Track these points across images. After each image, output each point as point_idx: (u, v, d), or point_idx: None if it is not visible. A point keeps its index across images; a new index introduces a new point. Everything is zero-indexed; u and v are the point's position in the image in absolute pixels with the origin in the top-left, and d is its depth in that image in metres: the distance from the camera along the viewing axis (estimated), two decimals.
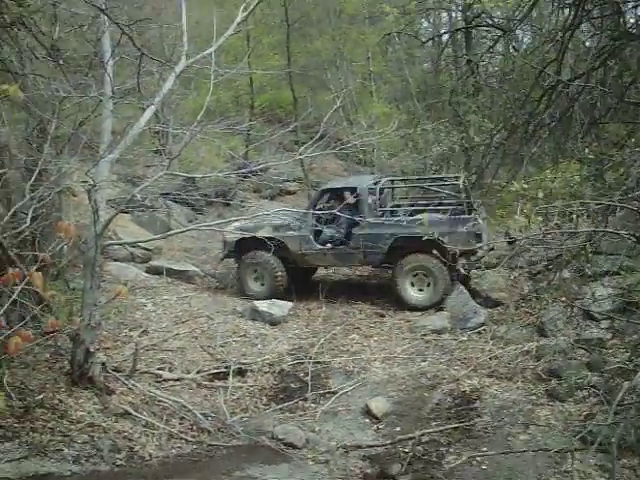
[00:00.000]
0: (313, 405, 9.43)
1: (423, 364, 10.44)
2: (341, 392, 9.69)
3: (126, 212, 15.81)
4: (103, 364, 9.05)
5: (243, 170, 13.00)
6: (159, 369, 9.98)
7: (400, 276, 12.71)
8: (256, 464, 7.78)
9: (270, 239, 11.29)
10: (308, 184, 21.02)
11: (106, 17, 9.00)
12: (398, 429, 8.68)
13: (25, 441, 7.45)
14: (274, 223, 13.28)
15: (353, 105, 23.97)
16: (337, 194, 13.43)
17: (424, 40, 22.62)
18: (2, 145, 10.07)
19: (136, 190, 10.29)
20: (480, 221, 12.39)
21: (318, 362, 10.53)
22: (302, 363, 10.46)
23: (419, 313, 12.36)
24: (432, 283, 12.58)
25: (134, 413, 8.48)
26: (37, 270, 3.11)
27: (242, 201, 20.28)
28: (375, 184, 13.35)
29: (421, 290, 12.71)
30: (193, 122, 10.16)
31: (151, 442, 8.08)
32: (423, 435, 8.31)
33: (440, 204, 13.55)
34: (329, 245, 13.18)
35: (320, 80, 26.01)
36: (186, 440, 8.26)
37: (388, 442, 8.34)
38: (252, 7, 10.80)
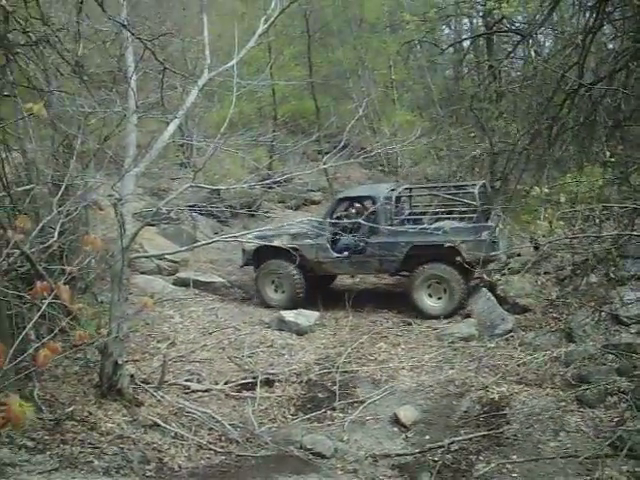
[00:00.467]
0: (341, 414, 9.39)
1: (451, 372, 10.36)
2: (369, 401, 9.64)
3: (152, 225, 15.91)
4: (132, 376, 9.12)
5: (267, 181, 13.04)
6: (187, 380, 10.03)
7: (416, 284, 12.75)
8: (285, 474, 7.74)
9: (285, 249, 11.51)
10: (332, 193, 21.05)
11: (129, 33, 9.10)
12: (427, 437, 8.61)
13: (56, 453, 7.50)
14: (291, 232, 13.35)
15: (376, 113, 24.02)
16: (353, 202, 13.65)
17: (444, 47, 22.55)
18: (29, 161, 10.20)
19: (162, 203, 10.38)
20: (497, 229, 12.36)
21: (345, 371, 10.51)
22: (329, 372, 10.44)
23: (446, 321, 12.31)
24: (448, 292, 12.59)
25: (163, 424, 8.52)
26: (65, 284, 3.15)
27: (267, 212, 20.34)
28: (391, 192, 13.36)
29: (439, 299, 12.73)
30: (217, 134, 10.23)
31: (180, 453, 8.10)
32: (452, 443, 8.24)
33: (456, 212, 13.57)
34: (345, 253, 13.24)
35: (342, 89, 26.13)
36: (215, 451, 8.26)
37: (417, 451, 8.27)
38: (273, 19, 10.86)
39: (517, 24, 17.78)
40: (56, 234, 8.03)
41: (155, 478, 7.55)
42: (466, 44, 22.22)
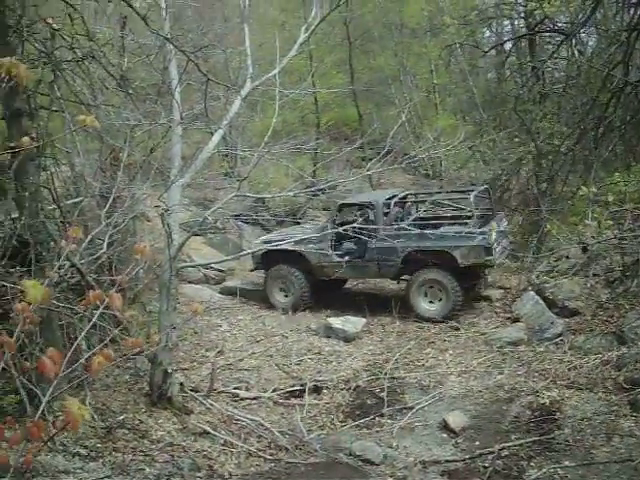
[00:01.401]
0: (390, 421, 9.35)
1: (500, 377, 10.24)
2: (418, 407, 9.58)
3: (199, 235, 16.07)
4: (181, 384, 9.21)
5: (312, 188, 13.11)
6: (236, 388, 10.09)
7: (413, 288, 12.96)
8: None
9: (292, 252, 12.06)
10: None
11: (172, 46, 9.23)
12: (477, 443, 8.52)
13: (108, 461, 7.60)
14: (296, 237, 13.44)
15: (418, 118, 23.97)
16: (354, 209, 13.98)
17: (486, 50, 22.39)
18: (78, 174, 10.40)
19: (208, 212, 10.48)
20: (493, 234, 12.46)
21: (393, 378, 10.47)
22: (377, 379, 10.42)
23: (494, 325, 12.19)
24: (444, 295, 12.76)
25: (213, 432, 8.58)
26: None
27: (312, 219, 20.39)
28: (390, 199, 13.56)
29: (432, 302, 12.91)
30: (260, 144, 10.30)
31: (230, 460, 8.15)
32: (503, 449, 8.14)
33: (457, 217, 13.77)
34: (346, 258, 13.48)
35: (384, 95, 26.11)
36: (264, 458, 8.29)
37: (467, 457, 8.19)
38: (314, 27, 10.91)
39: (559, 24, 17.60)
40: (105, 245, 8.18)
41: None
42: (508, 46, 22.06)
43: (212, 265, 14.94)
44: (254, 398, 9.92)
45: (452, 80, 24.77)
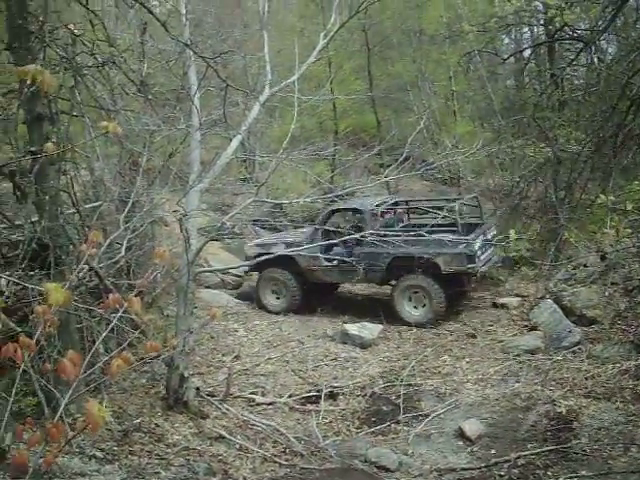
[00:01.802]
0: (405, 428, 9.33)
1: (517, 385, 10.18)
2: (434, 414, 9.54)
3: (216, 240, 16.14)
4: (197, 389, 9.25)
5: (329, 195, 13.13)
6: (252, 393, 10.11)
7: (397, 293, 13.32)
8: None
9: (283, 255, 12.25)
10: None
11: (191, 52, 9.30)
12: (493, 452, 8.46)
13: (124, 464, 7.64)
14: (287, 240, 14.24)
15: (437, 125, 23.94)
16: (344, 214, 14.50)
17: (505, 57, 22.33)
18: (97, 179, 10.48)
19: (226, 218, 10.52)
20: (476, 243, 12.73)
21: (410, 384, 10.45)
22: (393, 386, 10.40)
23: (511, 333, 12.13)
24: (427, 302, 13.05)
25: (228, 437, 8.61)
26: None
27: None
28: (377, 206, 13.89)
29: (420, 307, 13.21)
30: (279, 149, 10.34)
31: (245, 465, 8.17)
32: (519, 458, 8.07)
33: (443, 225, 13.73)
34: (334, 262, 13.69)
35: (403, 102, 26.08)
36: (279, 463, 8.30)
37: (483, 465, 8.13)
38: (332, 34, 10.95)
39: (579, 31, 17.51)
40: (123, 250, 8.24)
41: None
42: (527, 53, 22.01)
43: (229, 270, 15.00)
44: (270, 403, 9.93)
45: (471, 87, 24.70)
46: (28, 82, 2.38)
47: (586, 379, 9.86)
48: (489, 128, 21.70)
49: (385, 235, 12.17)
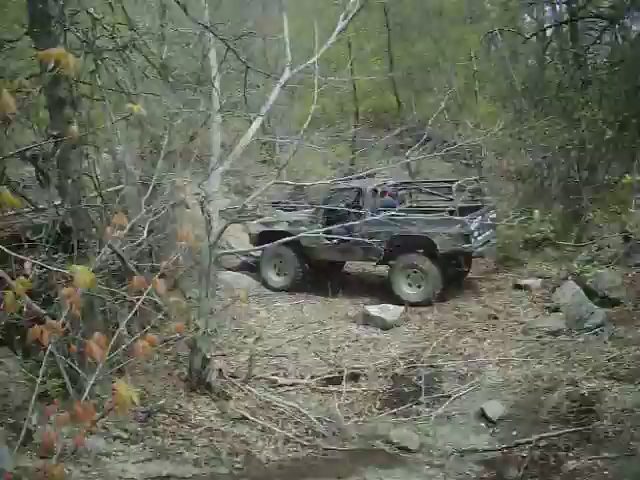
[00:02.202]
0: (427, 409, 9.33)
1: (539, 367, 10.13)
2: (455, 396, 9.55)
3: (238, 222, 16.18)
4: (220, 370, 9.31)
5: (350, 176, 13.12)
6: (274, 374, 10.16)
7: (395, 273, 13.53)
8: (371, 468, 7.75)
9: (285, 233, 12.35)
10: None
11: (211, 34, 9.28)
12: (514, 433, 8.45)
13: (148, 444, 7.74)
14: (290, 219, 14.37)
15: (458, 106, 23.71)
16: (345, 194, 14.46)
17: (527, 36, 22.06)
18: (118, 162, 10.53)
19: (247, 200, 10.53)
20: (473, 223, 12.91)
21: (431, 366, 10.44)
22: (415, 367, 10.40)
23: (533, 315, 12.08)
24: (424, 281, 13.20)
25: (251, 418, 8.67)
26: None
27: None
28: (377, 186, 14.03)
29: (417, 287, 13.35)
30: (299, 131, 10.31)
31: (268, 446, 8.23)
32: (541, 439, 8.05)
33: (443, 207, 14.00)
34: (335, 241, 13.77)
35: (423, 83, 25.87)
36: (302, 444, 8.35)
37: (504, 446, 8.14)
38: (352, 14, 10.87)
39: (603, 9, 17.28)
40: (145, 233, 8.27)
41: (243, 470, 7.68)
42: (549, 32, 21.71)
43: (251, 252, 15.05)
44: (292, 384, 9.98)
45: (492, 67, 24.48)
46: (50, 67, 2.39)
47: (609, 361, 9.80)
48: (511, 108, 21.48)
49: (384, 214, 12.29)
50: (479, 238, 13.17)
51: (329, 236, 13.50)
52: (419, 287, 13.30)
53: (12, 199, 2.29)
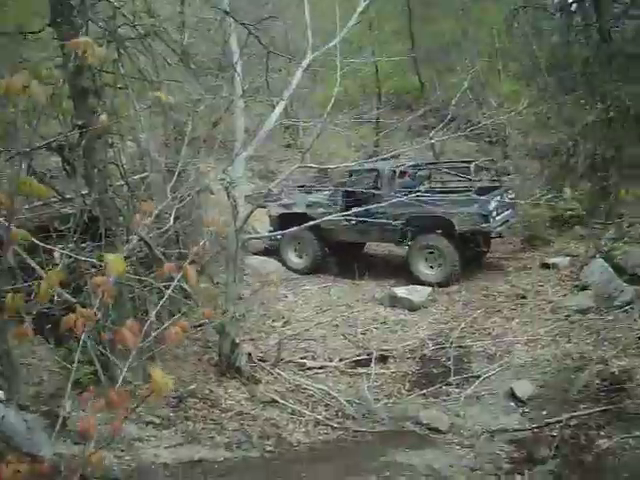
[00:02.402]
0: (456, 390, 9.33)
1: (568, 345, 10.08)
2: (484, 376, 9.52)
3: (263, 207, 16.22)
4: (249, 354, 9.37)
5: (374, 158, 13.08)
6: (302, 358, 10.21)
7: (413, 253, 13.64)
8: (401, 449, 7.77)
9: (303, 215, 12.62)
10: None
11: (232, 19, 9.27)
12: (544, 412, 8.41)
13: (180, 429, 7.83)
14: (309, 200, 14.44)
15: (481, 85, 23.52)
16: (363, 175, 14.39)
17: (552, 11, 21.76)
18: (143, 150, 10.57)
19: (272, 184, 10.55)
20: (491, 203, 12.99)
21: (460, 346, 10.43)
22: (443, 348, 10.39)
23: (561, 293, 12.00)
24: (442, 261, 13.31)
25: (281, 401, 8.72)
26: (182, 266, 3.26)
27: None
28: (397, 167, 14.04)
29: (434, 267, 13.46)
30: (322, 114, 10.28)
31: (298, 429, 8.27)
32: (571, 418, 8.00)
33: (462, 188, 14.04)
34: (353, 222, 13.81)
35: (445, 62, 25.65)
36: (332, 426, 8.38)
37: (534, 426, 8.10)
38: None
39: None
40: (171, 219, 8.31)
41: (274, 453, 7.74)
42: (573, 7, 21.40)
43: (277, 237, 15.10)
44: (321, 367, 10.02)
45: (515, 44, 24.21)
46: (73, 56, 2.41)
47: (638, 339, 9.72)
48: (535, 86, 21.25)
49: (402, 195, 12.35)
50: (497, 218, 13.20)
51: (346, 215, 13.58)
52: (437, 267, 13.39)
53: (41, 189, 2.31)
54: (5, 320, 2.42)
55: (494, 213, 13.02)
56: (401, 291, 12.43)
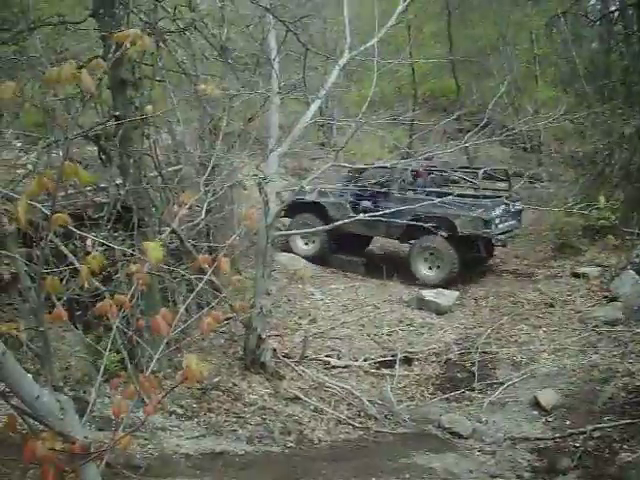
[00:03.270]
0: (480, 395, 9.30)
1: (595, 356, 9.99)
2: (509, 383, 9.48)
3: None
4: (274, 350, 9.41)
5: (407, 160, 13.06)
6: (327, 356, 10.22)
7: (414, 253, 13.89)
8: (422, 452, 7.77)
9: (315, 203, 12.99)
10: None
11: (271, 16, 9.31)
12: (568, 423, 8.35)
13: (203, 421, 7.90)
14: (319, 190, 14.28)
15: (518, 90, 23.40)
16: (375, 172, 14.42)
17: (593, 19, 21.52)
18: (178, 143, 10.67)
19: (305, 182, 10.57)
20: (495, 210, 13.21)
21: (485, 352, 10.39)
22: (469, 353, 10.36)
23: (590, 304, 11.89)
24: (441, 263, 13.53)
25: (304, 398, 8.75)
26: (213, 260, 3.30)
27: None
28: (408, 167, 14.08)
29: (431, 268, 13.72)
30: (357, 114, 10.28)
31: (320, 426, 8.30)
32: (595, 430, 7.94)
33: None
34: (361, 215, 13.63)
35: (483, 66, 25.55)
36: (353, 426, 8.41)
37: (557, 435, 8.06)
38: None
39: None
40: (203, 213, 8.38)
41: (295, 449, 7.78)
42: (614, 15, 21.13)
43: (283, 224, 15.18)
44: (345, 366, 10.03)
45: (554, 50, 24.01)
46: (113, 48, 2.45)
47: None
48: (572, 93, 21.06)
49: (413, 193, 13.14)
50: (500, 225, 13.40)
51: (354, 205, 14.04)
52: (437, 268, 13.62)
53: (88, 177, 2.36)
54: (43, 302, 2.47)
55: (497, 220, 13.27)
56: (429, 294, 12.40)
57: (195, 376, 2.34)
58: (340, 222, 10.64)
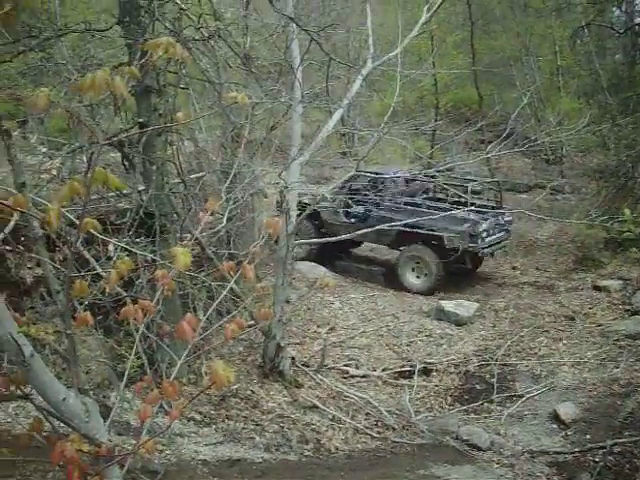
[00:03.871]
0: (499, 408, 9.25)
1: (616, 370, 9.91)
2: (528, 396, 9.43)
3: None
4: (293, 358, 9.43)
5: (429, 170, 13.07)
6: (346, 365, 10.22)
7: (402, 262, 14.20)
8: (440, 463, 7.73)
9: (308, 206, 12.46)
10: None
11: (295, 25, 9.35)
12: (587, 437, 8.28)
13: (221, 427, 7.92)
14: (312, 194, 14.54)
15: (540, 101, 23.31)
16: (367, 179, 14.85)
17: (621, 30, 21.41)
18: (200, 150, 10.72)
19: (326, 190, 10.60)
20: (482, 224, 13.43)
21: (504, 364, 10.34)
22: (488, 365, 10.31)
23: (611, 317, 11.79)
24: (427, 272, 13.87)
25: (322, 407, 8.75)
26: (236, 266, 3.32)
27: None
28: (397, 176, 14.63)
29: (418, 277, 14.09)
30: (379, 124, 10.30)
31: (337, 436, 8.29)
32: (615, 445, 7.87)
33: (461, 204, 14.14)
34: (352, 220, 14.46)
35: (505, 77, 25.50)
36: (371, 436, 8.39)
37: (577, 450, 7.97)
38: (436, 7, 10.80)
39: None
40: (224, 220, 8.41)
41: (313, 458, 7.77)
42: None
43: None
44: (363, 376, 10.02)
45: (577, 62, 23.92)
46: (138, 55, 2.48)
47: None
48: (596, 105, 20.96)
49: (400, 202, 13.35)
50: (487, 239, 13.60)
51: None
52: (423, 277, 13.98)
53: (118, 183, 2.39)
54: (71, 305, 2.49)
55: (484, 234, 13.48)
56: (449, 305, 12.37)
57: (222, 382, 2.35)
58: (361, 231, 10.70)
